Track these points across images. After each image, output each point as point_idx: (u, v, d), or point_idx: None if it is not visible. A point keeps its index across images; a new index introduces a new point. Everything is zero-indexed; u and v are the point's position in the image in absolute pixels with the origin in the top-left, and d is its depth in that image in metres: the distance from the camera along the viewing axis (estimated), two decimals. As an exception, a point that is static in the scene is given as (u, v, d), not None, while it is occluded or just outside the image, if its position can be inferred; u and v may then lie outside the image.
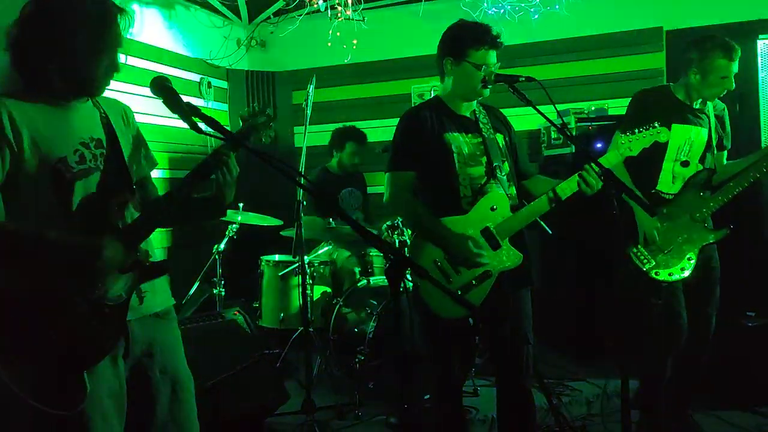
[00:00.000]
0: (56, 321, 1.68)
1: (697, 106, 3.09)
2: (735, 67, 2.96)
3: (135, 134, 2.02)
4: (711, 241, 3.02)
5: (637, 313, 3.04)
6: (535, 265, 4.74)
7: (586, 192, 2.47)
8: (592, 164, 2.39)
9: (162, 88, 1.76)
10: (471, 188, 2.54)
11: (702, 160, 3.07)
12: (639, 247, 3.00)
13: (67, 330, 1.69)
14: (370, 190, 5.12)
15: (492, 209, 2.51)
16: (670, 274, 2.97)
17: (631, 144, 2.50)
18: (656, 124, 2.53)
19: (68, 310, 1.70)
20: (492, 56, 2.55)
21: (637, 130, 2.50)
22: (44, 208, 1.75)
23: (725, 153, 3.22)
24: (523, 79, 2.47)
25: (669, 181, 3.05)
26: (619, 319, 2.75)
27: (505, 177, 2.58)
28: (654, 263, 2.98)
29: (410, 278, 2.60)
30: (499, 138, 2.65)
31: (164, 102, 1.75)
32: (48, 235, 1.69)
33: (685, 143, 3.04)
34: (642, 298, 3.04)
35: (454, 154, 2.54)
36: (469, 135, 2.59)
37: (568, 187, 2.49)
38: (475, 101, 2.66)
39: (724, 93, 3.01)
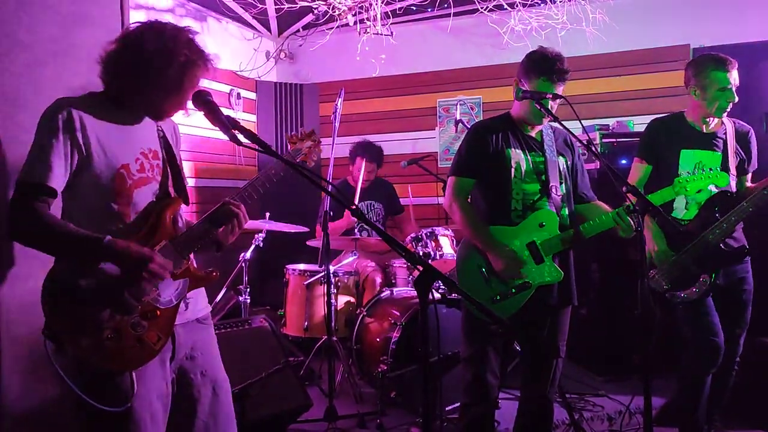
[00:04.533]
0: (112, 320, 1.77)
1: (709, 131, 3.09)
2: (732, 78, 2.95)
3: (179, 151, 2.14)
4: (727, 263, 3.02)
5: (662, 332, 3.05)
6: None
7: (622, 234, 2.59)
8: (624, 189, 2.43)
9: (204, 102, 1.83)
10: (522, 203, 2.67)
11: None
12: (654, 269, 3.04)
13: (120, 329, 1.77)
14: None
15: (540, 225, 2.65)
16: (683, 295, 3.00)
17: (687, 185, 2.66)
18: (716, 168, 2.70)
19: (123, 307, 1.78)
20: (557, 88, 2.63)
21: (696, 172, 2.68)
22: (102, 212, 1.83)
23: (745, 177, 3.18)
24: (550, 96, 2.54)
25: (682, 206, 3.08)
26: (644, 337, 2.76)
27: (560, 197, 2.70)
28: (669, 285, 3.01)
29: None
30: (562, 160, 2.77)
31: (206, 115, 1.83)
32: (103, 238, 1.75)
33: (696, 168, 3.06)
34: (663, 318, 3.05)
35: (512, 169, 2.66)
36: (532, 153, 2.72)
37: (597, 225, 2.62)
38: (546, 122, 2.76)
39: (729, 106, 2.99)
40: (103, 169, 1.81)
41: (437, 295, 3.81)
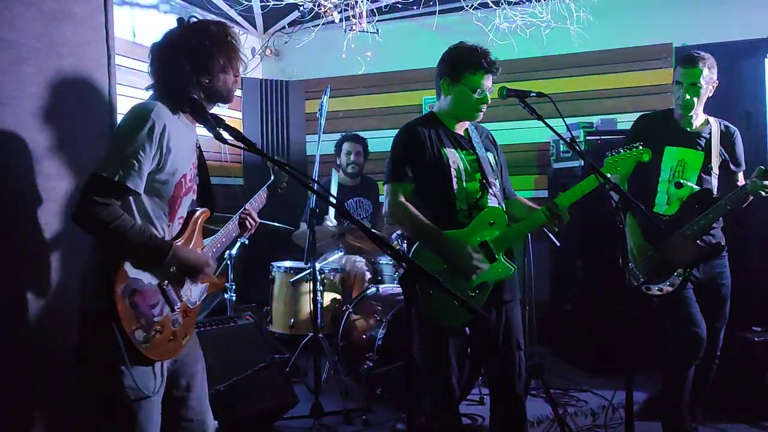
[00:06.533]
0: (160, 315, 1.91)
1: (694, 130, 3.15)
2: (688, 75, 3.02)
3: None
4: (703, 259, 3.06)
5: (645, 328, 3.09)
6: (544, 275, 4.82)
7: (553, 230, 2.63)
8: (598, 176, 2.46)
9: (189, 100, 1.84)
10: (467, 202, 2.62)
11: (699, 181, 3.12)
12: (631, 263, 3.08)
13: (165, 324, 1.92)
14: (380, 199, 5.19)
15: (490, 223, 2.61)
16: (659, 290, 3.04)
17: (617, 164, 2.66)
18: (638, 145, 2.67)
19: (170, 306, 1.95)
20: (487, 80, 2.63)
21: (621, 150, 2.66)
22: (154, 214, 1.92)
23: (736, 177, 3.22)
24: (534, 94, 2.56)
25: (664, 202, 3.14)
26: (625, 332, 2.80)
27: (500, 193, 2.69)
28: (645, 278, 3.06)
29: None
30: (490, 156, 2.74)
31: (191, 113, 1.84)
32: (171, 244, 1.92)
33: (678, 165, 3.12)
34: (642, 313, 3.10)
35: (452, 169, 2.61)
36: (464, 152, 2.68)
37: (539, 217, 2.60)
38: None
39: (691, 102, 3.05)
40: (169, 177, 1.91)
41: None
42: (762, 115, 4.02)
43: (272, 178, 2.53)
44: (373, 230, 1.73)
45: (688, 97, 3.04)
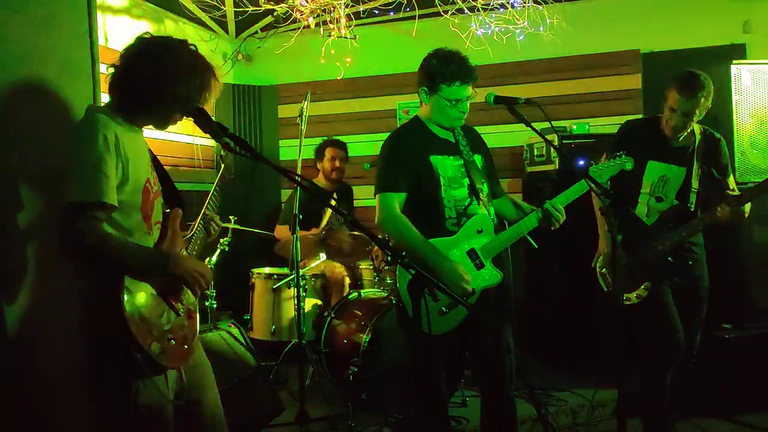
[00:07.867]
0: (169, 323, 1.91)
1: (679, 144, 3.15)
2: (685, 104, 3.01)
3: None
4: (671, 274, 3.12)
5: (623, 327, 3.16)
6: (520, 278, 4.88)
7: (549, 227, 2.65)
8: (589, 182, 2.52)
9: (195, 109, 1.82)
10: (455, 210, 2.63)
11: (679, 196, 3.17)
12: (605, 268, 3.14)
13: (175, 331, 1.93)
14: (356, 204, 5.20)
15: (478, 231, 2.64)
16: (627, 299, 3.11)
17: (601, 172, 2.72)
18: (622, 153, 2.72)
19: (175, 311, 1.96)
20: (464, 90, 2.62)
21: (605, 159, 2.69)
22: (130, 225, 1.89)
23: (728, 180, 3.23)
24: (523, 101, 2.57)
25: (644, 214, 3.18)
26: (608, 331, 2.87)
27: (486, 198, 2.70)
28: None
29: (394, 299, 2.68)
30: (478, 159, 2.74)
31: (196, 122, 1.82)
32: (169, 253, 1.95)
33: (659, 181, 3.16)
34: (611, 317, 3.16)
35: (440, 177, 2.62)
36: (451, 157, 2.68)
37: (530, 222, 2.68)
38: None
39: (671, 122, 3.07)
40: (135, 185, 1.88)
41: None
42: (728, 121, 4.12)
43: (221, 170, 2.55)
44: (378, 237, 1.74)
45: (680, 125, 3.06)
